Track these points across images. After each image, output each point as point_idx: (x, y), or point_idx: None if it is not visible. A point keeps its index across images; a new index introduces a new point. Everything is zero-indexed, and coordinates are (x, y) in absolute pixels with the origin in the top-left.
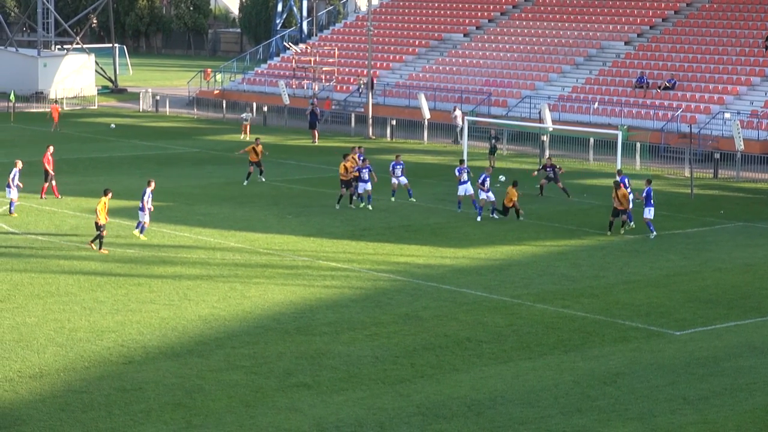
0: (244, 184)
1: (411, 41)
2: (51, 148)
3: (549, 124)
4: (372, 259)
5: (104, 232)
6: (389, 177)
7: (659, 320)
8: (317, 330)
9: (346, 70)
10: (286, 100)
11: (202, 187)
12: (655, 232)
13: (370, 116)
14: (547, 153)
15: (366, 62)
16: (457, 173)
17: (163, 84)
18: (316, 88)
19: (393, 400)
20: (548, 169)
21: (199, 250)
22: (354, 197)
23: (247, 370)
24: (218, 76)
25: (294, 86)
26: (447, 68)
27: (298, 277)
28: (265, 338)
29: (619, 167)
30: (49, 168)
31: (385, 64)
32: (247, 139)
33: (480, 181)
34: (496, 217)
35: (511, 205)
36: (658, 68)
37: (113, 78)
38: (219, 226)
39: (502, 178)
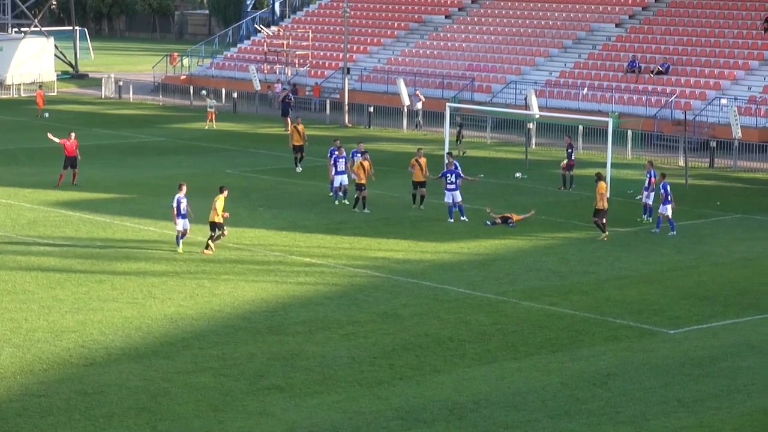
0: (298, 170)
1: (389, 23)
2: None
3: (535, 111)
4: (348, 254)
5: (225, 232)
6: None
7: (652, 318)
8: (290, 329)
9: (321, 54)
10: (257, 86)
11: (168, 178)
12: (674, 231)
13: (346, 103)
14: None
15: (342, 46)
16: (441, 176)
17: (127, 69)
18: (289, 73)
19: (370, 403)
20: (569, 150)
21: (164, 245)
22: (331, 194)
23: (215, 372)
24: (185, 61)
25: (265, 71)
26: (428, 52)
27: (270, 274)
28: (234, 338)
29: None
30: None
31: (362, 48)
32: (214, 127)
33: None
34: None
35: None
36: (650, 51)
37: (74, 63)
38: None
39: (518, 175)
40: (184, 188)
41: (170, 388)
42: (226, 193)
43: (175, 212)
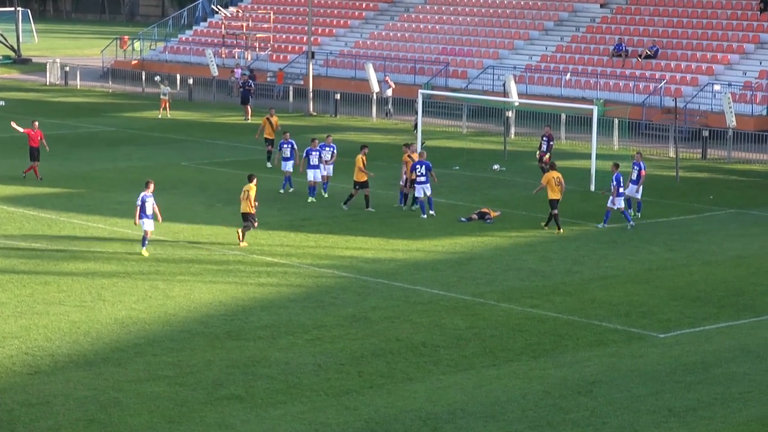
0: (269, 165)
1: (357, 4)
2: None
3: (515, 98)
4: (313, 253)
5: (255, 224)
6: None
7: (641, 321)
8: (251, 334)
9: (283, 37)
10: (215, 72)
11: (118, 171)
12: (632, 222)
13: (311, 90)
14: (508, 128)
15: (306, 28)
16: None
17: (74, 53)
18: (249, 58)
19: (338, 414)
20: (544, 139)
21: (114, 243)
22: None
23: (170, 381)
24: (136, 45)
25: (223, 55)
26: (398, 35)
27: (229, 274)
28: (191, 344)
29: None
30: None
31: (327, 30)
32: (168, 116)
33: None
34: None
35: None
36: (638, 34)
37: (16, 47)
38: None
39: (496, 167)
40: (152, 186)
41: (121, 398)
42: (255, 181)
43: (138, 211)
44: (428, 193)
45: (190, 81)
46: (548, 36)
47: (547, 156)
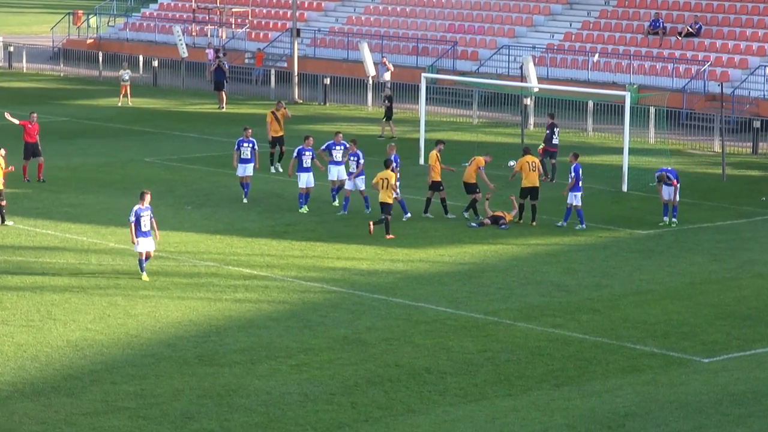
0: (273, 171)
1: None
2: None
3: (534, 84)
4: (299, 264)
5: (389, 216)
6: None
7: (681, 343)
8: (226, 359)
9: (264, 11)
10: (184, 53)
11: (71, 168)
12: (584, 225)
13: (296, 73)
14: (531, 118)
15: (290, 1)
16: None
17: (19, 31)
18: (224, 36)
19: None
20: (549, 131)
21: (67, 253)
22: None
23: (132, 414)
24: (92, 21)
25: (194, 33)
26: (398, 9)
27: (201, 289)
28: (156, 370)
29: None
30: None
31: (315, 4)
32: (129, 104)
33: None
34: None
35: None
36: (678, 8)
37: None
38: (94, 221)
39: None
40: (148, 198)
41: None
42: (392, 167)
43: (134, 229)
44: (361, 187)
45: (155, 63)
46: (572, 11)
47: (541, 147)
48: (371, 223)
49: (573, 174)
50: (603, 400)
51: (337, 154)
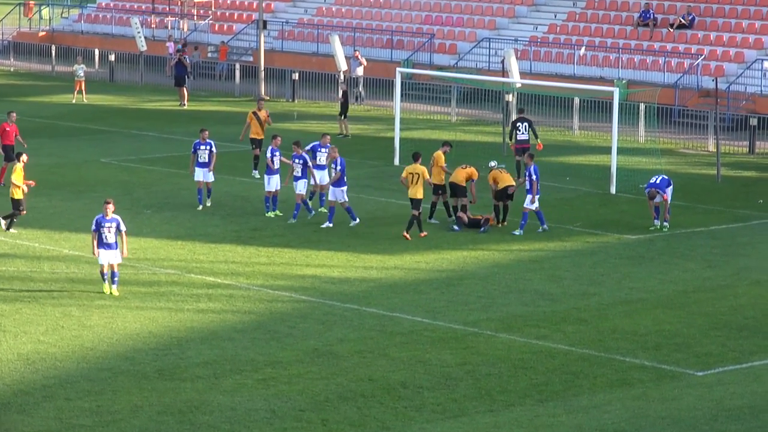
0: (255, 175)
1: None
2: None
3: (516, 79)
4: (266, 272)
5: (418, 212)
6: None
7: (674, 355)
8: (188, 373)
9: (228, 2)
10: (142, 46)
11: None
12: (544, 227)
13: (263, 68)
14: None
15: None
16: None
17: None
18: (186, 29)
19: None
20: (518, 125)
21: (18, 260)
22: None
23: (87, 431)
24: (44, 12)
25: (153, 26)
26: (371, 0)
27: (161, 298)
28: (113, 385)
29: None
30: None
31: None
32: (84, 101)
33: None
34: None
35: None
36: None
37: None
38: (47, 226)
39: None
40: (110, 208)
41: None
42: (421, 160)
43: (96, 240)
44: (341, 199)
45: (112, 57)
46: (558, 1)
47: (512, 144)
48: (405, 232)
49: (529, 177)
50: (590, 417)
51: (322, 157)
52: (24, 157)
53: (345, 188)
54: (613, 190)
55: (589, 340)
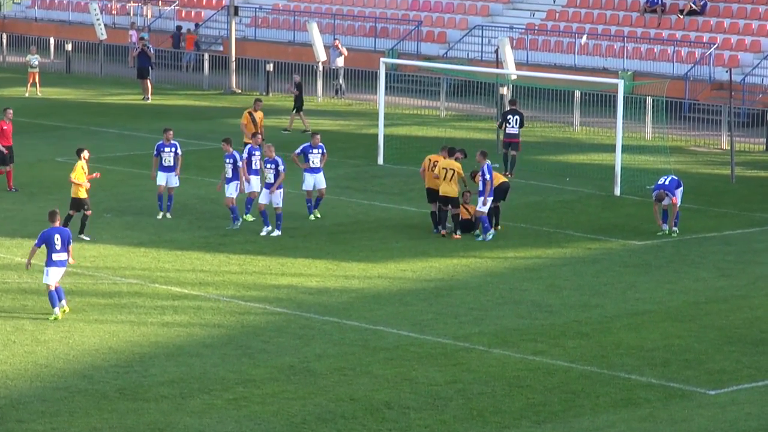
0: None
1: None
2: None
3: (511, 70)
4: (237, 282)
5: (456, 210)
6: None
7: (684, 373)
8: (152, 393)
9: None
10: (102, 35)
11: None
12: (492, 232)
13: (234, 58)
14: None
15: None
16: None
17: None
18: (149, 15)
19: None
20: (508, 117)
21: None
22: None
23: None
24: None
25: (114, 12)
26: None
27: (122, 311)
28: (69, 406)
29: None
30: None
31: None
32: (38, 94)
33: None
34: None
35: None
36: None
37: None
38: None
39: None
40: (58, 219)
41: None
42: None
43: (32, 255)
44: (320, 187)
45: (69, 47)
46: None
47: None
48: (444, 232)
49: (487, 176)
50: None
51: (315, 159)
52: (85, 153)
53: (282, 191)
54: (617, 191)
55: (591, 356)
